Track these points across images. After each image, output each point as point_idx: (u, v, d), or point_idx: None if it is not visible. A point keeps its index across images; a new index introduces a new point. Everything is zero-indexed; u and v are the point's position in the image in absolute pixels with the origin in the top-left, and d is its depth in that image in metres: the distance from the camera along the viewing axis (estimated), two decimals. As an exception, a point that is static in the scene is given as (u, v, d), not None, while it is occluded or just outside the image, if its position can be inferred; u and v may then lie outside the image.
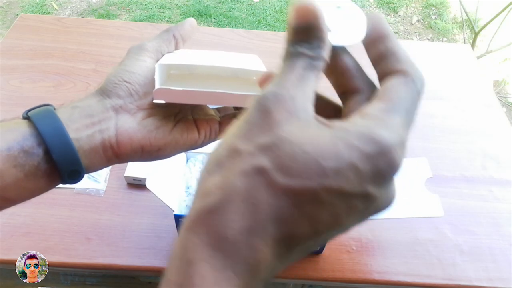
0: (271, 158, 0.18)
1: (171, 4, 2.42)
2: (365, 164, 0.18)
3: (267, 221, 0.18)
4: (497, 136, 0.73)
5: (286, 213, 0.18)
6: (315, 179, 0.18)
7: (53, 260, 0.53)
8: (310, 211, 0.18)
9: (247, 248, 0.18)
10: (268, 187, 0.18)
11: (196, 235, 0.18)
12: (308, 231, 0.19)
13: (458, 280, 0.54)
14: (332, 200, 0.18)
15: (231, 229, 0.18)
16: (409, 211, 0.48)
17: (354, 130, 0.19)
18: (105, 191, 0.60)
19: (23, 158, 0.29)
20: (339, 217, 0.19)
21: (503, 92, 1.90)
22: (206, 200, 0.19)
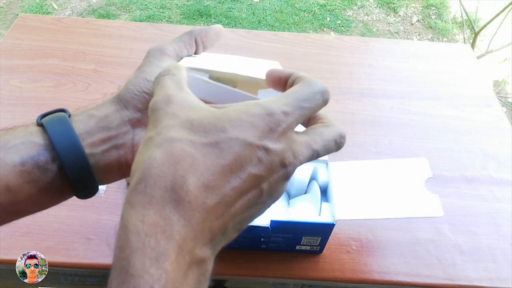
0: (183, 131, 0.23)
1: (171, 4, 2.42)
2: (259, 119, 0.24)
3: (186, 172, 0.22)
4: (497, 136, 0.73)
5: (200, 163, 0.22)
6: (216, 134, 0.23)
7: (53, 260, 0.53)
8: (218, 158, 0.23)
9: (174, 202, 0.22)
10: (186, 147, 0.23)
11: (130, 204, 0.22)
12: (223, 175, 0.23)
13: (458, 280, 0.54)
14: (235, 147, 0.23)
15: (157, 189, 0.22)
16: (409, 211, 0.48)
17: (244, 104, 0.25)
18: (105, 191, 0.60)
19: (37, 174, 0.28)
20: (244, 162, 0.23)
21: (503, 92, 1.90)
22: (136, 176, 0.23)
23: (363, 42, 0.92)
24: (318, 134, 0.28)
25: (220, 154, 0.23)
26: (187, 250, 0.22)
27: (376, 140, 0.71)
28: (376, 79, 0.83)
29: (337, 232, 0.58)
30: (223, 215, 0.23)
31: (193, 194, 0.22)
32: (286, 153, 0.25)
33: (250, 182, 0.24)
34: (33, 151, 0.28)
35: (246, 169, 0.23)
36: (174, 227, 0.21)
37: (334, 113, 0.75)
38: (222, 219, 0.23)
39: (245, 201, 0.24)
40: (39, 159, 0.28)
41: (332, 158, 0.53)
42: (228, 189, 0.23)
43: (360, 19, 2.45)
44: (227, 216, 0.24)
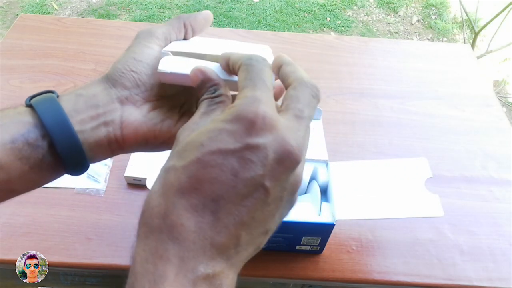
0: (174, 159, 0.25)
1: (171, 4, 2.42)
2: (232, 125, 0.23)
3: (175, 197, 0.23)
4: (497, 136, 0.73)
5: (187, 184, 0.23)
6: (195, 151, 0.23)
7: (53, 260, 0.53)
8: (203, 175, 0.23)
9: (168, 228, 0.23)
10: (173, 174, 0.24)
11: (137, 236, 0.25)
12: (212, 190, 0.23)
13: (458, 280, 0.54)
14: (217, 159, 0.23)
15: (155, 219, 0.24)
16: (409, 211, 0.48)
17: (225, 111, 0.25)
18: (105, 191, 0.60)
19: (27, 151, 0.28)
20: (236, 171, 0.23)
21: (503, 92, 1.90)
22: (142, 209, 0.26)
23: (363, 42, 0.92)
24: (294, 101, 0.27)
25: (204, 170, 0.23)
26: (189, 269, 0.22)
27: (376, 140, 0.71)
28: (376, 79, 0.83)
29: (337, 232, 0.58)
30: (225, 228, 0.23)
31: (185, 216, 0.23)
32: (276, 144, 0.23)
33: (247, 187, 0.23)
34: (23, 129, 0.28)
35: (236, 177, 0.23)
36: (169, 251, 0.22)
37: (334, 113, 0.75)
38: (226, 233, 0.23)
39: (250, 206, 0.23)
40: (29, 136, 0.28)
41: (332, 158, 0.53)
42: (222, 203, 0.23)
43: (360, 19, 2.45)
44: (233, 227, 0.23)
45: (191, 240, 0.23)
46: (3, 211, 0.57)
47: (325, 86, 0.80)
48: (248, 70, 0.27)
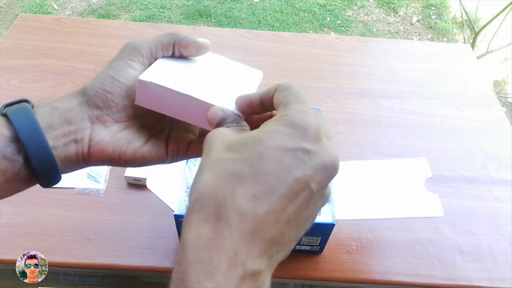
0: (226, 153, 0.26)
1: (171, 4, 2.42)
2: (288, 129, 0.26)
3: (235, 186, 0.24)
4: (497, 136, 0.73)
5: (247, 174, 0.24)
6: (256, 146, 0.25)
7: (53, 260, 0.53)
8: (263, 167, 0.24)
9: (226, 216, 0.23)
10: (231, 164, 0.25)
11: (188, 223, 0.25)
12: (270, 182, 0.24)
13: (458, 280, 0.54)
14: (277, 154, 0.25)
15: (212, 207, 0.24)
16: (409, 211, 0.48)
17: (271, 121, 0.28)
18: (105, 191, 0.60)
19: (4, 164, 0.29)
20: (291, 168, 0.25)
21: (503, 92, 1.90)
22: (192, 197, 0.25)
23: (363, 42, 0.92)
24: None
25: (263, 164, 0.25)
26: (240, 263, 0.23)
27: (376, 140, 0.71)
28: (376, 79, 0.83)
29: (337, 232, 0.58)
30: (276, 223, 0.24)
31: (243, 205, 0.24)
32: (326, 152, 0.26)
33: (298, 185, 0.25)
34: (0, 143, 0.29)
35: (291, 173, 0.24)
36: (226, 241, 0.23)
37: (334, 113, 0.75)
38: (275, 228, 0.24)
39: (297, 205, 0.25)
40: (6, 151, 0.29)
41: (332, 158, 0.53)
42: (277, 196, 0.24)
43: (360, 19, 2.45)
44: (281, 224, 0.24)
45: (246, 230, 0.23)
46: (3, 211, 0.57)
47: (325, 86, 0.80)
48: (288, 89, 0.29)
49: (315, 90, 0.79)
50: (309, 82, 0.80)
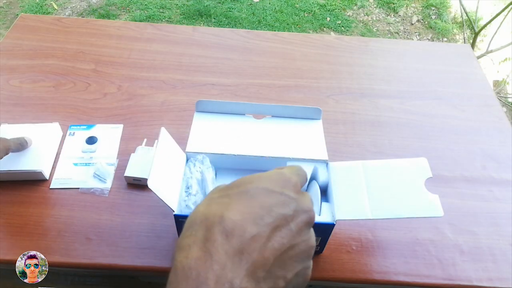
0: (220, 192, 0.32)
1: (171, 4, 2.42)
2: (276, 178, 0.32)
3: (224, 210, 0.28)
4: (497, 136, 0.73)
5: (235, 203, 0.29)
6: (246, 185, 0.30)
7: (53, 260, 0.53)
8: (249, 198, 0.29)
9: (212, 233, 0.27)
10: (217, 193, 0.32)
11: (179, 247, 0.28)
12: (255, 212, 0.28)
13: (458, 280, 0.54)
14: (261, 192, 0.30)
15: (201, 231, 0.28)
16: (409, 211, 0.48)
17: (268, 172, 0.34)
18: (109, 191, 0.60)
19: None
20: (272, 204, 0.29)
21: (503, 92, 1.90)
22: (185, 226, 0.30)
23: (363, 42, 0.92)
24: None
25: (251, 197, 0.29)
26: (227, 280, 0.25)
27: (376, 140, 0.71)
28: (376, 79, 0.83)
29: (337, 232, 0.58)
30: (261, 248, 0.27)
31: (230, 227, 0.27)
32: (304, 202, 0.31)
33: (280, 219, 0.29)
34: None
35: (273, 209, 0.29)
36: (213, 258, 0.25)
37: (334, 113, 0.75)
38: (261, 252, 0.27)
39: (280, 238, 0.28)
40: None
41: (332, 158, 0.53)
42: (262, 224, 0.28)
43: (360, 19, 2.45)
44: (266, 250, 0.27)
45: (233, 251, 0.26)
46: (3, 211, 0.57)
47: (325, 86, 0.80)
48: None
49: (315, 90, 0.79)
50: (309, 82, 0.80)
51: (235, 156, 0.53)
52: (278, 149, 0.54)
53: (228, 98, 0.75)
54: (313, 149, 0.54)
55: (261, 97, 0.76)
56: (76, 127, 0.68)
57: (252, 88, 0.78)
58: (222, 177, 0.55)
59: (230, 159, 0.54)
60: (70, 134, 0.67)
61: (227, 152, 0.53)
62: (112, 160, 0.64)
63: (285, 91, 0.78)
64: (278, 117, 0.58)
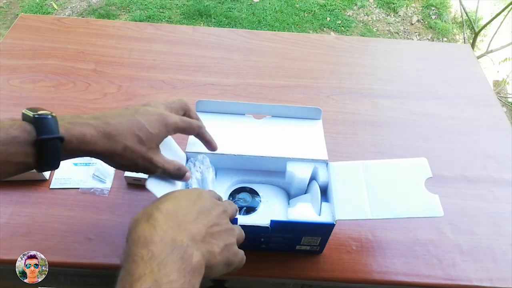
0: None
1: (171, 4, 2.42)
2: (191, 189, 0.46)
3: (159, 202, 0.38)
4: (497, 136, 0.73)
5: (164, 198, 0.39)
6: (169, 194, 0.40)
7: (53, 260, 0.53)
8: (172, 200, 0.38)
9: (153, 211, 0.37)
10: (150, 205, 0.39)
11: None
12: (179, 200, 0.39)
13: (458, 280, 0.54)
14: (182, 195, 0.40)
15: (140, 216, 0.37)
16: (409, 211, 0.48)
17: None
18: (110, 191, 0.60)
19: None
20: (194, 201, 0.40)
21: (503, 92, 1.90)
22: None
23: (363, 42, 0.92)
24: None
25: (176, 197, 0.39)
26: (169, 237, 0.34)
27: (376, 140, 0.71)
28: (376, 79, 0.83)
29: (337, 232, 0.58)
30: (194, 223, 0.37)
31: (167, 209, 0.37)
32: (217, 202, 0.42)
33: (202, 208, 0.39)
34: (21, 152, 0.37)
35: (196, 202, 0.39)
36: (157, 227, 0.34)
37: (334, 113, 0.75)
38: (194, 225, 0.37)
39: (205, 217, 0.38)
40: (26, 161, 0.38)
41: (332, 158, 0.53)
42: (191, 210, 0.38)
43: (360, 19, 2.45)
44: (197, 225, 0.37)
45: (172, 224, 0.36)
46: (3, 211, 0.57)
47: (325, 86, 0.80)
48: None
49: (315, 90, 0.79)
50: (309, 82, 0.80)
51: (235, 156, 0.53)
52: (278, 149, 0.54)
53: (228, 98, 0.75)
54: (313, 149, 0.54)
55: (261, 97, 0.76)
56: (76, 127, 0.68)
57: (252, 88, 0.78)
58: (222, 177, 0.55)
59: (230, 159, 0.54)
60: (70, 134, 0.67)
61: (227, 152, 0.53)
62: (112, 160, 0.64)
63: (285, 91, 0.78)
64: (278, 117, 0.58)
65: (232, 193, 0.54)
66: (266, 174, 0.55)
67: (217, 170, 0.55)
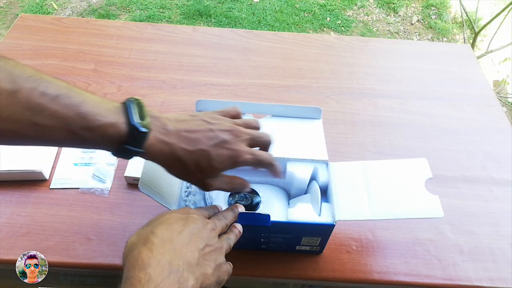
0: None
1: (171, 4, 2.42)
2: (180, 209, 0.44)
3: (153, 227, 0.39)
4: (497, 136, 0.73)
5: (154, 222, 0.40)
6: (161, 217, 0.41)
7: (53, 260, 0.53)
8: (165, 225, 0.39)
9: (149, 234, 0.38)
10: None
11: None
12: (171, 224, 0.40)
13: (458, 280, 0.54)
14: (173, 218, 0.40)
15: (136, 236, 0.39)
16: (409, 212, 0.48)
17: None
18: (110, 191, 0.60)
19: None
20: (186, 224, 0.40)
21: (503, 92, 1.90)
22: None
23: (363, 42, 0.92)
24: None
25: (168, 221, 0.40)
26: (166, 261, 0.35)
27: (376, 140, 0.71)
28: (376, 79, 0.83)
29: (337, 232, 0.58)
30: (187, 247, 0.38)
31: (162, 233, 0.38)
32: (206, 220, 0.42)
33: (193, 231, 0.40)
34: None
35: (188, 224, 0.40)
36: (153, 251, 0.36)
37: (334, 113, 0.75)
38: (188, 249, 0.38)
39: (197, 239, 0.39)
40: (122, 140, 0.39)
41: (332, 158, 0.53)
42: (184, 234, 0.39)
43: (360, 19, 2.45)
44: (191, 248, 0.38)
45: (168, 249, 0.37)
46: (3, 211, 0.57)
47: (325, 86, 0.80)
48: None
49: (315, 90, 0.79)
50: (309, 82, 0.80)
51: (235, 156, 0.53)
52: (278, 149, 0.54)
53: (228, 98, 0.75)
54: (313, 149, 0.54)
55: (261, 97, 0.76)
56: (76, 127, 0.68)
57: (252, 88, 0.78)
58: (222, 177, 0.55)
59: (230, 159, 0.54)
60: (70, 134, 0.67)
61: None
62: (112, 160, 0.64)
63: (285, 91, 0.78)
64: (278, 116, 0.58)
65: (232, 193, 0.54)
66: (266, 174, 0.55)
67: (217, 170, 0.55)
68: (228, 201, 0.54)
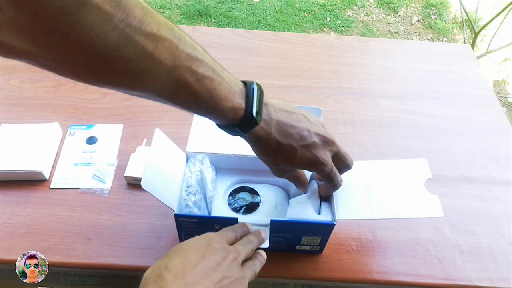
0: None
1: (171, 4, 2.42)
2: (201, 239, 0.41)
3: (166, 262, 0.39)
4: (497, 136, 0.73)
5: (173, 254, 0.40)
6: (179, 246, 0.40)
7: (53, 260, 0.53)
8: (181, 255, 0.39)
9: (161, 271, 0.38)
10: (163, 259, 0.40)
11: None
12: (188, 257, 0.39)
13: (458, 280, 0.54)
14: (191, 246, 0.40)
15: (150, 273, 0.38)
16: (409, 212, 0.48)
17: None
18: (109, 191, 0.60)
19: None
20: (203, 254, 0.39)
21: (503, 92, 1.90)
22: None
23: (363, 42, 0.92)
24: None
25: (185, 251, 0.39)
26: None
27: (376, 140, 0.71)
28: (376, 79, 0.83)
29: (337, 232, 0.58)
30: (204, 279, 0.37)
31: (176, 267, 0.37)
32: (228, 247, 0.41)
33: (212, 262, 0.38)
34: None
35: (205, 255, 0.39)
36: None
37: (334, 113, 0.75)
38: (204, 283, 0.37)
39: (215, 273, 0.38)
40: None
41: (332, 158, 0.53)
42: (200, 268, 0.37)
43: (360, 19, 2.45)
44: (208, 281, 0.37)
45: (182, 284, 0.36)
46: (3, 211, 0.57)
47: (325, 86, 0.80)
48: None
49: (315, 90, 0.79)
50: (309, 82, 0.80)
51: (235, 156, 0.53)
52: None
53: (228, 98, 0.75)
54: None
55: (261, 97, 0.76)
56: (76, 127, 0.68)
57: (252, 88, 0.78)
58: (222, 177, 0.55)
59: (230, 159, 0.54)
60: (70, 134, 0.67)
61: (227, 152, 0.53)
62: (112, 160, 0.64)
63: (285, 91, 0.78)
64: (278, 117, 0.58)
65: (232, 193, 0.54)
66: (266, 174, 0.55)
67: (217, 170, 0.55)
68: (228, 200, 0.54)
